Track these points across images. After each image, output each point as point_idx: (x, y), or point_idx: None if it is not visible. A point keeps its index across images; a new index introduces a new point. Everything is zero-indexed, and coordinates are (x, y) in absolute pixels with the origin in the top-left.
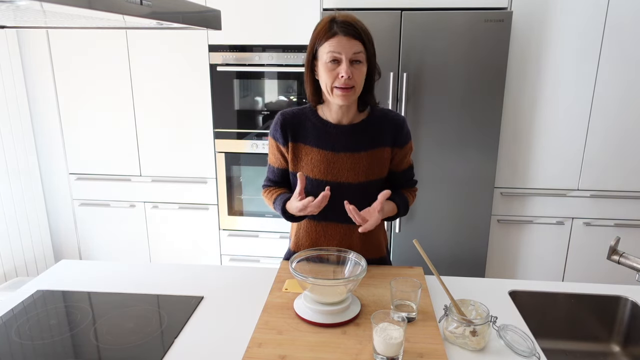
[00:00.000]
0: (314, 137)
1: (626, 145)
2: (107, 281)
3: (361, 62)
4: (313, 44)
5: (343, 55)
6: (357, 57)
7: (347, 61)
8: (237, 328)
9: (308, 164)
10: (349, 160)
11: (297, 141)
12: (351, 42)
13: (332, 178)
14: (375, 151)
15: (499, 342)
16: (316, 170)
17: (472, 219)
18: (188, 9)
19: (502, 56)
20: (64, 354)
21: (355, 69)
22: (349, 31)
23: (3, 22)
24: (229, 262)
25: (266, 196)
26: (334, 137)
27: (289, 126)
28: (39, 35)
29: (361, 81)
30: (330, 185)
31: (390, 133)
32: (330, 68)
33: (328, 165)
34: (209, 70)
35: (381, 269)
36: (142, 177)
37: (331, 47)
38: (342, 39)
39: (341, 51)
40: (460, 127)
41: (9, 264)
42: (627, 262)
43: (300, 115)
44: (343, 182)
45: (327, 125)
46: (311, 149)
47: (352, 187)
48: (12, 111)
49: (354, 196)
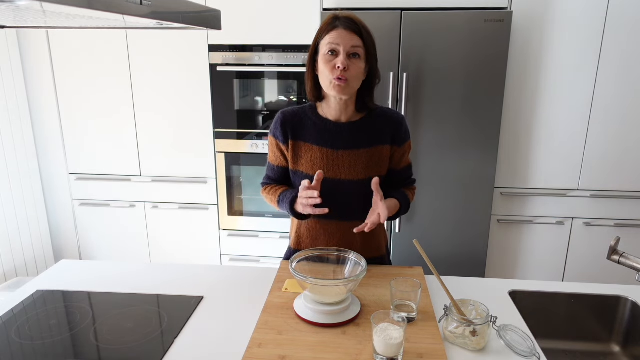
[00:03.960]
0: (313, 135)
1: (626, 145)
2: (107, 281)
3: (359, 57)
4: (316, 40)
5: (341, 46)
6: (355, 50)
7: (344, 53)
8: (237, 328)
9: (308, 162)
10: (348, 157)
11: (297, 139)
12: (350, 35)
13: (332, 175)
14: (375, 149)
15: (499, 342)
16: (316, 167)
17: (472, 219)
18: (188, 9)
19: (502, 56)
20: (64, 354)
21: (352, 63)
22: (349, 25)
23: (3, 22)
24: (229, 262)
25: (267, 194)
26: (334, 134)
27: (289, 124)
28: (39, 35)
29: (357, 75)
30: (329, 183)
31: (389, 131)
32: (328, 59)
33: (327, 163)
34: (209, 70)
35: (381, 269)
36: (142, 177)
37: (331, 38)
38: (342, 31)
39: (340, 42)
40: (460, 127)
41: (9, 264)
42: (627, 262)
43: (300, 114)
44: (342, 179)
45: (327, 122)
46: (311, 147)
47: (352, 184)
48: (12, 111)
49: (353, 193)
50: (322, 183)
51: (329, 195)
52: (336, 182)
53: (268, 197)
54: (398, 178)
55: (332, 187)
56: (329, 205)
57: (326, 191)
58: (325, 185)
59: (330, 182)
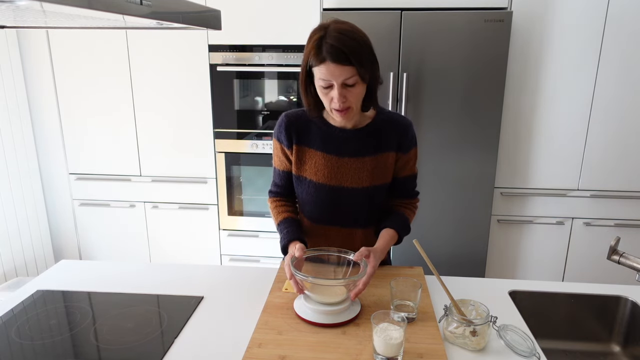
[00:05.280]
0: (318, 141)
1: (626, 145)
2: (107, 281)
3: (355, 85)
4: (306, 62)
5: (334, 82)
6: (349, 81)
7: (338, 87)
8: (237, 328)
9: (312, 168)
10: (353, 165)
11: (301, 144)
12: (340, 69)
13: (336, 182)
14: (380, 156)
15: (499, 342)
16: (320, 174)
17: (472, 219)
18: (188, 9)
19: (502, 56)
20: (64, 354)
21: (349, 92)
22: (337, 58)
23: (3, 22)
24: (229, 262)
25: (272, 210)
26: (339, 141)
27: (294, 128)
28: (39, 35)
29: (357, 100)
30: (333, 190)
31: (395, 137)
32: (324, 92)
33: (332, 170)
34: (209, 70)
35: (381, 268)
36: (142, 177)
37: (321, 74)
38: (331, 65)
39: (331, 79)
40: (460, 127)
41: (9, 264)
42: (627, 262)
43: (304, 117)
44: (347, 187)
45: (332, 128)
46: (315, 153)
47: (356, 191)
48: (12, 111)
49: (357, 201)
50: (326, 190)
51: (333, 202)
52: (340, 190)
53: (272, 213)
54: (400, 187)
55: (335, 195)
56: (331, 212)
57: (329, 198)
58: (329, 193)
59: (334, 189)
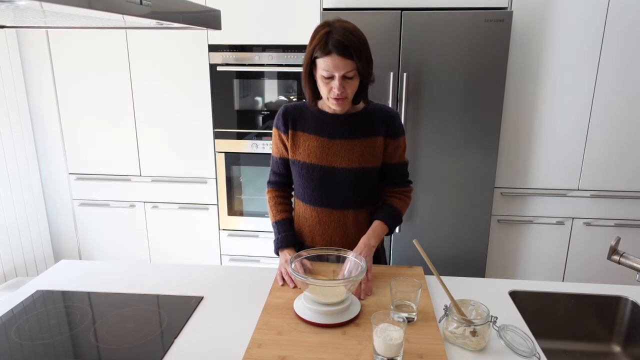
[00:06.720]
0: (312, 125)
1: (626, 145)
2: (107, 281)
3: (353, 77)
4: (311, 53)
5: (336, 73)
6: (349, 74)
7: (339, 78)
8: (237, 328)
9: (305, 150)
10: (343, 146)
11: (296, 129)
12: (344, 62)
13: (327, 163)
14: (369, 139)
15: (499, 342)
16: (312, 155)
17: (472, 219)
18: (188, 9)
19: (502, 56)
20: (64, 354)
21: (347, 83)
22: (343, 51)
23: (3, 22)
24: (229, 262)
25: (270, 204)
26: (331, 124)
27: (290, 116)
28: (39, 35)
29: (352, 91)
30: (325, 170)
31: (383, 124)
32: (325, 82)
33: (323, 151)
34: (208, 70)
35: (381, 268)
36: (142, 177)
37: (326, 65)
38: (336, 58)
39: (334, 71)
40: (460, 127)
41: (9, 264)
42: (627, 262)
43: (301, 107)
44: (337, 167)
45: (325, 114)
46: (309, 136)
47: (346, 172)
48: (12, 111)
49: (348, 182)
50: (318, 170)
51: (324, 182)
52: (331, 170)
53: (269, 207)
54: (392, 174)
55: (327, 175)
56: (323, 193)
57: (321, 178)
58: (321, 173)
59: (326, 169)
